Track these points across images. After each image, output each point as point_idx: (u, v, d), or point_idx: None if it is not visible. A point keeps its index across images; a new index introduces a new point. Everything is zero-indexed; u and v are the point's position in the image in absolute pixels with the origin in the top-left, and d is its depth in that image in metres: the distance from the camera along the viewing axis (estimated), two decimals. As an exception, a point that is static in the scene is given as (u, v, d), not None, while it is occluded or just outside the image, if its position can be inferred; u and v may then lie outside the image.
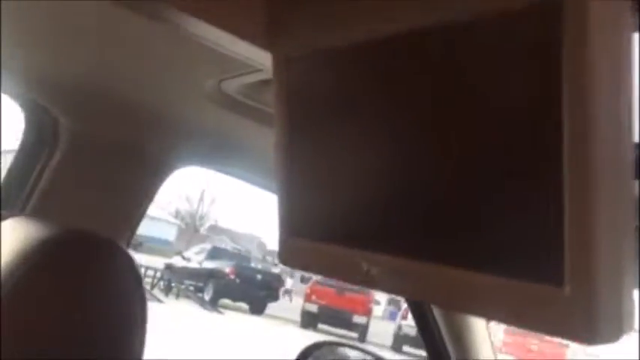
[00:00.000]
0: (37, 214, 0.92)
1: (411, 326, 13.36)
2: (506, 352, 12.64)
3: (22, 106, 1.00)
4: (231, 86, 0.74)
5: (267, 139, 0.83)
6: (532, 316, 0.33)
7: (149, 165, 1.01)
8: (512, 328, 13.72)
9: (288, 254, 0.48)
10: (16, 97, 0.98)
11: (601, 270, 0.30)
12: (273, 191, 1.17)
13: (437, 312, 1.41)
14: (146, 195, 1.02)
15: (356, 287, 16.16)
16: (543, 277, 0.32)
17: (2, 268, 0.52)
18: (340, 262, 0.44)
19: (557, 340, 15.05)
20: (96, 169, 0.97)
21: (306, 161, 0.47)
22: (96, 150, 0.97)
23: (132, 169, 0.99)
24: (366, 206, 0.43)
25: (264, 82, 0.70)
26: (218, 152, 1.04)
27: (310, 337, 1.67)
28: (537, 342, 13.93)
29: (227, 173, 1.14)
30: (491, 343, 1.52)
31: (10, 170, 0.98)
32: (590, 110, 0.30)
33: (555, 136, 0.31)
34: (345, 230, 0.44)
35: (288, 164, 0.48)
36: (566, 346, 14.93)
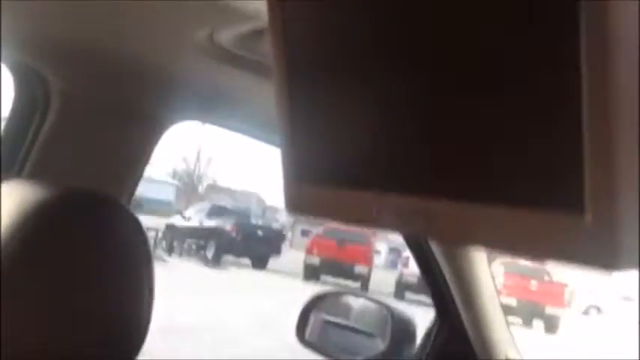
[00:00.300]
0: (34, 177, 0.91)
1: (412, 274, 13.60)
2: (507, 295, 12.87)
3: (11, 69, 0.97)
4: (224, 37, 0.72)
5: (262, 91, 0.81)
6: (552, 246, 0.32)
7: (145, 122, 0.99)
8: (512, 271, 13.93)
9: (295, 202, 0.47)
10: (5, 60, 0.95)
11: (622, 195, 0.29)
12: (271, 143, 1.16)
13: (439, 256, 1.42)
14: (143, 152, 1.01)
15: (356, 238, 16.40)
16: (563, 206, 0.31)
17: (2, 232, 0.51)
18: (349, 206, 0.43)
19: (555, 279, 15.33)
20: (90, 130, 0.96)
21: (309, 106, 0.46)
22: (89, 110, 0.95)
23: (127, 128, 0.98)
24: (374, 147, 0.42)
25: (258, 32, 0.68)
26: (214, 106, 1.03)
27: (313, 290, 1.69)
28: (536, 282, 14.17)
29: (224, 127, 1.12)
30: (495, 285, 1.54)
31: (3, 135, 0.97)
32: (610, 19, 0.28)
33: (572, 52, 0.30)
34: (352, 173, 0.43)
35: (291, 111, 0.47)
36: (565, 285, 15.21)
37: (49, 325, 0.53)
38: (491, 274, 1.51)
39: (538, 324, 13.63)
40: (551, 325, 13.57)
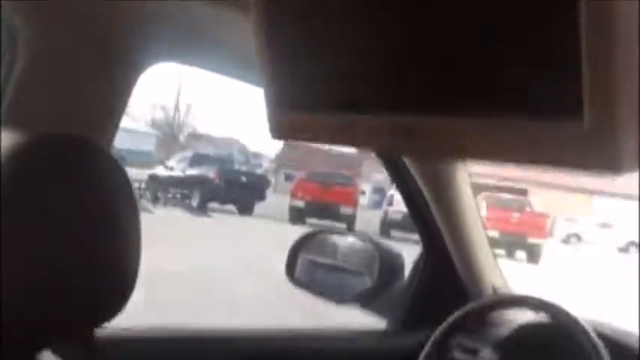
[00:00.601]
0: (8, 126, 0.88)
1: (396, 211, 13.80)
2: (490, 227, 13.11)
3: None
4: None
5: (239, 25, 0.78)
6: (552, 153, 0.32)
7: (119, 63, 0.96)
8: (494, 204, 14.18)
9: (279, 128, 0.46)
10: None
11: (621, 100, 0.29)
12: (251, 82, 1.13)
13: (425, 187, 1.41)
14: (120, 96, 0.97)
15: (341, 180, 16.50)
16: (562, 113, 0.31)
17: None
18: (332, 128, 0.42)
19: (537, 210, 15.65)
20: (63, 74, 0.92)
21: (287, 31, 0.44)
22: (61, 53, 0.91)
23: (102, 70, 0.94)
24: (354, 67, 0.40)
25: None
26: (190, 44, 0.99)
27: (300, 233, 1.70)
28: (518, 214, 14.45)
29: (202, 67, 1.09)
30: (480, 217, 1.55)
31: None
32: None
33: None
34: (334, 95, 0.42)
35: (268, 37, 0.45)
36: (546, 216, 15.56)
37: (35, 271, 0.52)
38: (477, 205, 1.52)
39: (521, 255, 13.98)
40: (533, 255, 13.93)
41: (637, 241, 26.99)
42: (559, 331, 1.18)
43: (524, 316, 1.43)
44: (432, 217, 1.46)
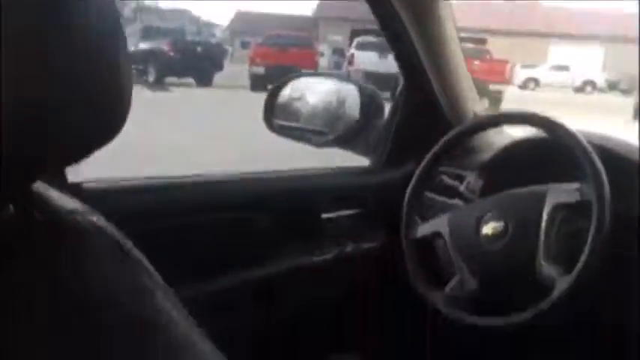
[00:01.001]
0: None
1: (358, 70, 13.71)
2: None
3: None
4: None
5: None
6: None
7: None
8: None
9: None
10: None
11: None
12: None
13: (406, 19, 1.36)
14: None
15: (299, 42, 16.13)
16: None
17: None
18: None
19: (496, 57, 15.71)
20: None
21: None
22: None
23: None
24: None
25: None
26: None
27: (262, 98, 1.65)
28: (479, 62, 14.50)
29: None
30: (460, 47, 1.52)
31: None
32: None
33: None
34: None
35: None
36: (506, 61, 15.66)
37: (29, 97, 0.48)
38: (457, 36, 1.47)
39: (483, 101, 14.24)
40: (495, 100, 14.21)
41: (592, 79, 27.65)
42: (548, 145, 1.17)
43: (508, 138, 1.45)
44: (413, 48, 1.42)
